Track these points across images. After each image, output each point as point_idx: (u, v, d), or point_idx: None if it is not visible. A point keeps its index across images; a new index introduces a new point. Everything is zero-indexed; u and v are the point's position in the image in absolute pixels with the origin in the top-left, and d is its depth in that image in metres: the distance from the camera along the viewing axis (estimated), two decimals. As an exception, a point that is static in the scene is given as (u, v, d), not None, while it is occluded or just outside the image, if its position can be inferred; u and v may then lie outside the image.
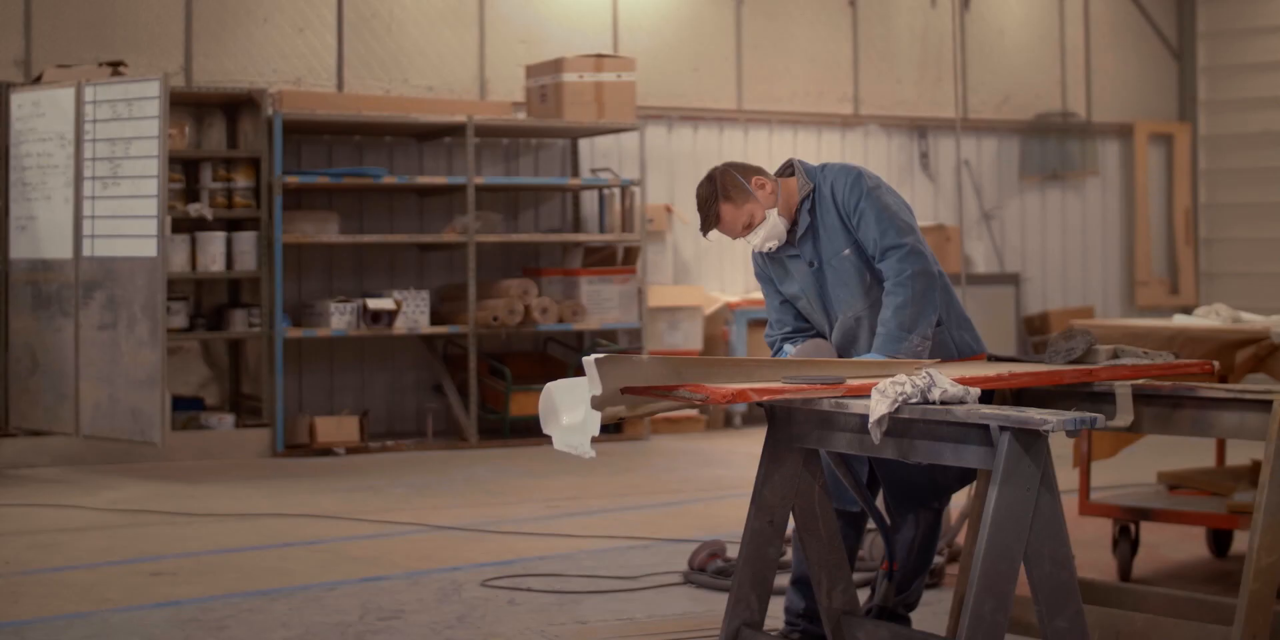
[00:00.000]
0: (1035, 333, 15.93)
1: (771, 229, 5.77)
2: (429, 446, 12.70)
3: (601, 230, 14.04)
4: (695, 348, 14.00)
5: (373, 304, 12.51)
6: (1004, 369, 5.37)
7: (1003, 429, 4.42)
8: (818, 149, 15.19)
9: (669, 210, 14.48)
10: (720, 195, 5.72)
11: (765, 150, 15.01)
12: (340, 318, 12.43)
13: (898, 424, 4.74)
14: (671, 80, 14.73)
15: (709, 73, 14.99)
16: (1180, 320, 7.83)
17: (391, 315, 12.55)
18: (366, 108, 12.73)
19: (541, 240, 13.59)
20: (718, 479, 11.08)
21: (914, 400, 4.63)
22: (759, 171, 5.81)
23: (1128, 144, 17.16)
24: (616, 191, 13.87)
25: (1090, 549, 7.89)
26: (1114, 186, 17.18)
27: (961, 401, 4.63)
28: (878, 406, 4.65)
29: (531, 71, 13.57)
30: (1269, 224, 16.77)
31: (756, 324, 14.36)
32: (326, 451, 12.22)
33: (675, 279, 14.61)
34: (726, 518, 9.35)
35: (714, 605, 7.02)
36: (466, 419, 12.81)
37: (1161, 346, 6.96)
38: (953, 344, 5.86)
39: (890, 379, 4.70)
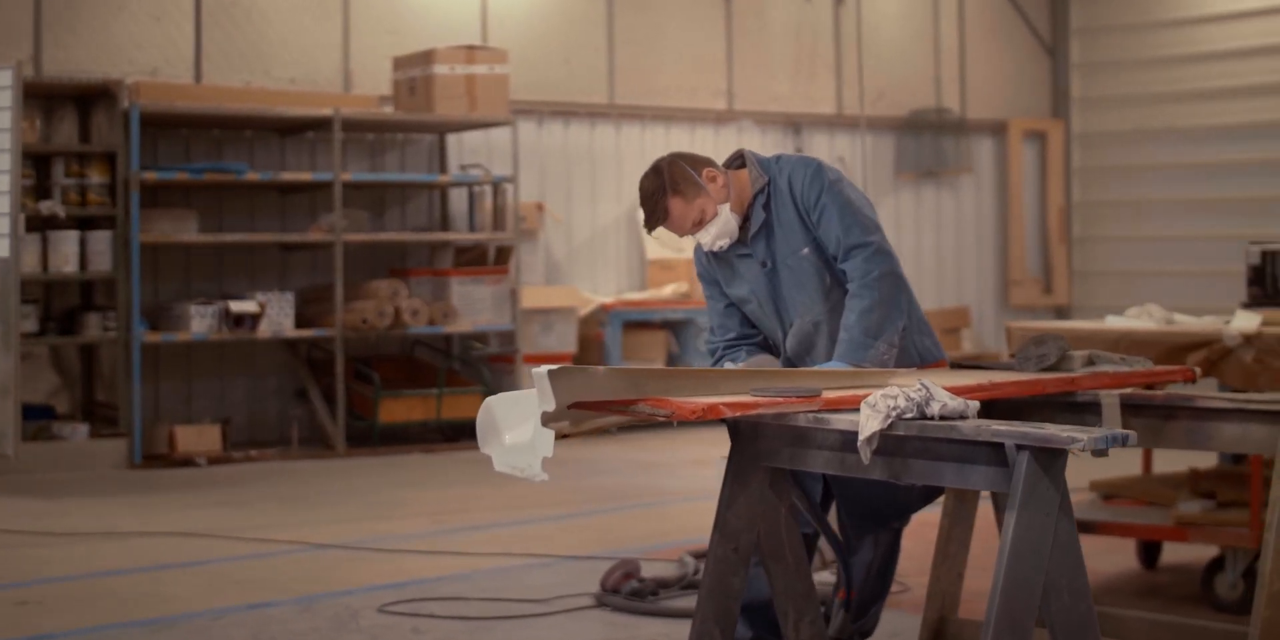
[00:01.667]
0: (912, 334, 15.58)
1: (723, 226, 5.23)
2: (294, 456, 12.10)
3: (472, 229, 13.50)
4: (569, 351, 13.52)
5: (235, 307, 11.90)
6: (983, 378, 4.93)
7: (1021, 448, 3.96)
8: (691, 145, 14.70)
9: (540, 208, 13.98)
10: (668, 189, 5.17)
11: (638, 146, 14.58)
12: (201, 321, 11.80)
13: (889, 442, 4.26)
14: (542, 74, 14.20)
15: (580, 67, 14.49)
16: (1116, 322, 7.46)
17: (255, 318, 11.96)
18: (226, 100, 12.13)
19: (411, 239, 13.03)
20: (607, 489, 10.61)
21: (909, 415, 4.16)
22: (709, 163, 5.27)
23: (1002, 141, 16.92)
24: (487, 189, 13.34)
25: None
26: (988, 184, 16.93)
27: (962, 416, 4.18)
28: (869, 423, 4.17)
29: (400, 63, 12.99)
30: (1141, 222, 16.59)
31: (632, 326, 13.94)
32: (187, 462, 11.61)
33: (547, 279, 14.11)
34: (626, 531, 8.94)
35: (633, 631, 6.57)
36: (333, 426, 12.23)
37: (1105, 350, 6.58)
38: (915, 350, 5.42)
39: (881, 392, 4.23)
